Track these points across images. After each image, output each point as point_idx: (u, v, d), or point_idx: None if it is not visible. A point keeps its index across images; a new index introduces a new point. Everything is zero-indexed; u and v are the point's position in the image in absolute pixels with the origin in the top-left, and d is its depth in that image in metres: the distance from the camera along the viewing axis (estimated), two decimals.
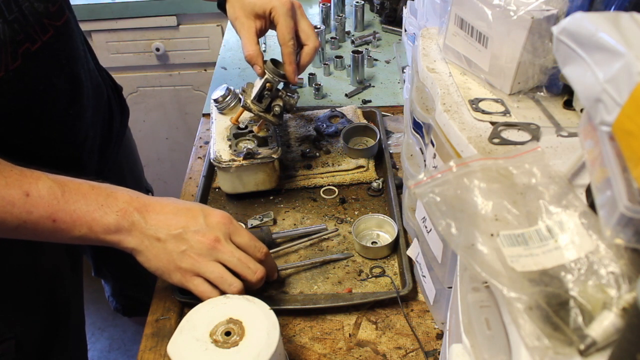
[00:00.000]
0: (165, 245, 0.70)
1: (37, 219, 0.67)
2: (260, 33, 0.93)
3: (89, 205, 0.69)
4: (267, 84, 0.91)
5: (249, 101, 0.92)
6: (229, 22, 1.60)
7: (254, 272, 0.73)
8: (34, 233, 0.69)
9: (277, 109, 0.93)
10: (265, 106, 0.92)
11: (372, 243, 0.90)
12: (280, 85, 0.95)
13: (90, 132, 0.98)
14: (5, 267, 0.90)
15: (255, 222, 0.95)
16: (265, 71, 0.91)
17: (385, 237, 0.91)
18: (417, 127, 0.76)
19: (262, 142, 0.96)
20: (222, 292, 0.71)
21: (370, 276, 0.86)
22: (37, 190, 0.67)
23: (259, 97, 0.92)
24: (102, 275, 1.41)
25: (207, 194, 1.02)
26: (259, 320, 0.65)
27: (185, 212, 0.72)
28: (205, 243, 0.70)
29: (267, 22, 0.93)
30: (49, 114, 0.87)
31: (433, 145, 0.67)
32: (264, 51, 1.45)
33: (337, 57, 1.36)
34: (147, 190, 1.35)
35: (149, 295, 0.84)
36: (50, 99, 0.86)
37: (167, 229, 0.70)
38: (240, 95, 0.96)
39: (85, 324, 1.17)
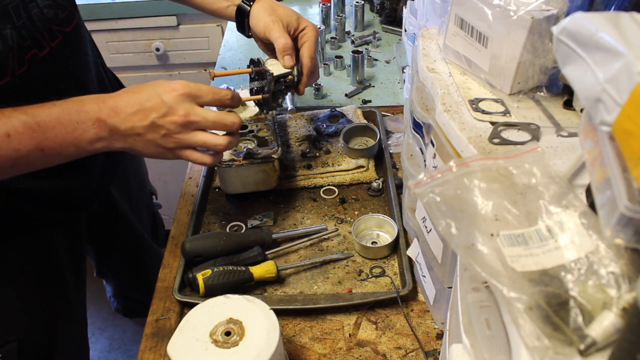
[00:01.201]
0: (145, 137, 0.75)
1: (27, 154, 0.70)
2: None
3: (66, 127, 0.71)
4: (289, 76, 0.93)
5: (275, 74, 0.91)
6: (229, 22, 1.61)
7: (232, 124, 0.78)
8: (30, 165, 0.72)
9: (280, 100, 0.95)
10: (273, 90, 0.93)
11: (372, 243, 0.90)
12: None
13: None
14: (8, 270, 0.90)
15: (255, 222, 0.95)
16: (295, 66, 0.93)
17: (385, 237, 0.91)
18: (417, 127, 0.76)
19: (262, 142, 0.96)
20: (215, 153, 0.79)
21: (370, 276, 0.86)
22: (14, 129, 0.69)
23: (277, 80, 0.92)
24: (104, 276, 1.41)
25: (207, 194, 1.02)
26: (259, 320, 0.65)
27: (147, 100, 0.74)
28: (177, 121, 0.74)
29: (292, 35, 0.95)
30: None
31: (433, 145, 0.67)
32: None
33: (337, 57, 1.36)
34: (151, 192, 1.35)
35: (150, 297, 0.84)
36: None
37: (139, 122, 0.74)
38: (259, 63, 0.95)
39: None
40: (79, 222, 1.05)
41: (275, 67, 0.93)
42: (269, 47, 0.97)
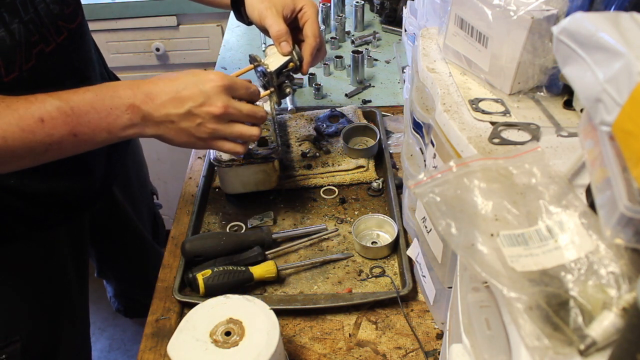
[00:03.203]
0: (179, 125, 0.75)
1: (59, 139, 0.70)
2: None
3: (100, 113, 0.71)
4: (290, 64, 0.92)
5: (272, 70, 0.91)
6: (229, 22, 1.61)
7: (261, 116, 0.81)
8: (61, 151, 0.72)
9: (288, 90, 0.94)
10: (277, 83, 0.93)
11: (372, 243, 0.90)
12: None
13: None
14: (12, 270, 0.90)
15: (255, 222, 0.95)
16: (293, 52, 0.92)
17: (385, 237, 0.91)
18: (417, 127, 0.76)
19: (262, 142, 0.96)
20: (244, 144, 0.81)
21: (370, 276, 0.86)
22: (48, 114, 0.69)
23: (278, 73, 0.92)
24: (105, 276, 1.41)
25: (207, 194, 1.02)
26: (259, 320, 0.65)
27: (183, 88, 0.75)
28: (214, 112, 0.75)
29: (291, 17, 0.94)
30: None
31: (433, 145, 0.67)
32: (264, 51, 1.45)
33: (337, 57, 1.36)
34: (152, 192, 1.35)
35: (151, 297, 0.84)
36: None
37: (174, 110, 0.74)
38: (255, 60, 0.95)
39: None
40: (82, 222, 1.05)
41: (276, 56, 0.92)
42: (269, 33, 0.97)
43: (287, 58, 0.91)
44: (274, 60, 0.92)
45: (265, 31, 0.96)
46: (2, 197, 0.84)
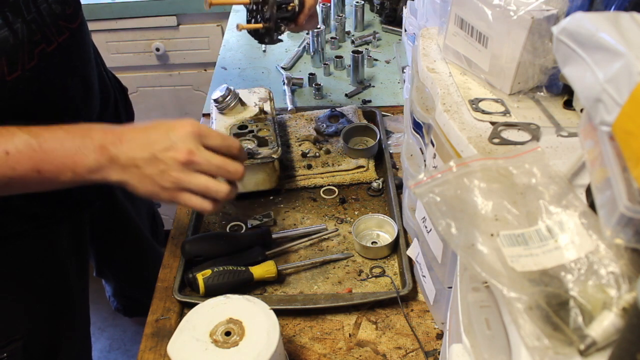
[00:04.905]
0: (143, 170, 0.70)
1: (22, 174, 0.68)
2: None
3: (67, 151, 0.69)
4: (290, 5, 0.90)
5: None
6: (229, 22, 1.61)
7: (235, 172, 0.73)
8: (24, 186, 0.71)
9: (283, 28, 0.92)
10: (276, 17, 0.90)
11: (372, 243, 0.90)
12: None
13: None
14: (13, 269, 0.91)
15: (255, 222, 0.95)
16: None
17: (385, 237, 0.91)
18: (417, 127, 0.76)
19: (262, 142, 0.96)
20: (214, 200, 0.72)
21: (370, 276, 0.86)
22: (14, 147, 0.68)
23: (279, 5, 0.89)
24: (104, 276, 1.41)
25: None
26: (259, 320, 0.65)
27: (152, 132, 0.72)
28: (179, 159, 0.70)
29: None
30: (62, 116, 0.87)
31: (433, 145, 0.67)
32: (264, 51, 1.46)
33: (337, 57, 1.36)
34: None
35: (150, 296, 0.84)
36: (64, 100, 0.87)
37: (140, 153, 0.70)
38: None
39: None
40: (82, 220, 1.05)
41: None
42: None
43: None
44: None
45: None
46: (3, 196, 0.84)
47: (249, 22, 0.93)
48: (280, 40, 0.97)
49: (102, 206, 1.09)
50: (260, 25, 0.88)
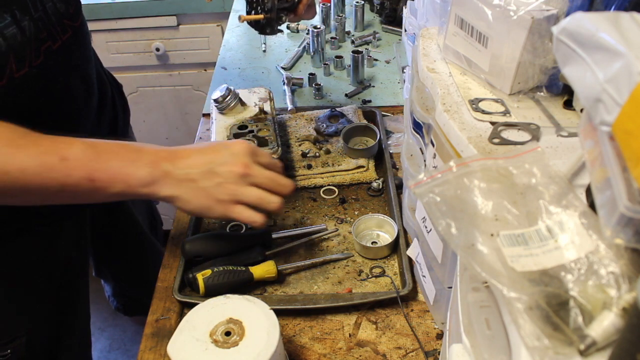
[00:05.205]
0: (199, 184, 0.73)
1: (76, 181, 0.70)
2: None
3: (122, 162, 0.72)
4: None
5: None
6: (229, 22, 1.61)
7: (286, 185, 0.79)
8: (74, 195, 0.72)
9: (284, 18, 0.94)
10: (278, 7, 0.92)
11: (372, 243, 0.90)
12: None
13: (97, 132, 0.99)
14: (16, 266, 0.91)
15: None
16: None
17: (385, 237, 0.91)
18: (417, 127, 0.76)
19: (262, 142, 0.96)
20: (266, 213, 0.76)
21: (370, 276, 0.86)
22: (72, 154, 0.70)
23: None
24: (103, 276, 1.41)
25: None
26: (259, 320, 0.65)
27: (208, 149, 0.76)
28: (236, 171, 0.74)
29: None
30: (65, 114, 0.88)
31: (433, 145, 0.67)
32: (264, 51, 1.46)
33: (337, 57, 1.36)
34: None
35: (150, 295, 0.85)
36: (67, 98, 0.88)
37: (197, 168, 0.74)
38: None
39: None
40: (84, 218, 1.06)
41: None
42: None
43: None
44: None
45: None
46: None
47: (249, 13, 0.94)
48: (281, 31, 0.99)
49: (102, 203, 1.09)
50: (261, 16, 0.90)
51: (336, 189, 1.01)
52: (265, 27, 0.92)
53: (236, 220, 0.76)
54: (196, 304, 0.69)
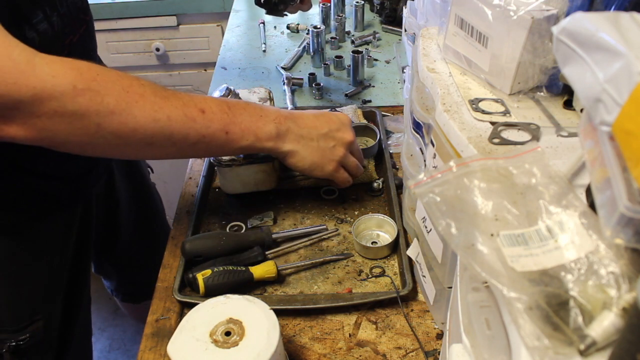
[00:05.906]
0: (318, 143, 0.84)
1: (213, 132, 0.75)
2: None
3: (251, 117, 0.78)
4: None
5: None
6: (229, 22, 1.61)
7: (362, 160, 0.94)
8: (208, 147, 0.77)
9: (282, 7, 1.06)
10: None
11: (372, 243, 0.90)
12: None
13: None
14: (37, 249, 0.92)
15: (255, 222, 0.95)
16: None
17: (385, 237, 0.91)
18: (417, 127, 0.76)
19: None
20: (354, 177, 0.92)
21: (370, 276, 0.86)
22: (209, 107, 0.75)
23: None
24: (104, 272, 1.40)
25: (207, 194, 1.02)
26: (259, 320, 0.65)
27: (323, 116, 0.87)
28: (347, 139, 0.86)
29: None
30: None
31: (433, 145, 0.67)
32: (264, 51, 1.46)
33: (337, 57, 1.36)
34: (147, 166, 1.37)
35: (155, 277, 0.86)
36: None
37: (316, 130, 0.84)
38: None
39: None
40: (90, 202, 1.07)
41: None
42: None
43: None
44: None
45: None
46: (31, 179, 0.87)
47: None
48: (286, 15, 1.12)
49: (102, 187, 1.11)
50: None
51: (336, 189, 1.01)
52: (278, 4, 1.01)
53: (335, 180, 0.89)
54: (196, 304, 0.69)
